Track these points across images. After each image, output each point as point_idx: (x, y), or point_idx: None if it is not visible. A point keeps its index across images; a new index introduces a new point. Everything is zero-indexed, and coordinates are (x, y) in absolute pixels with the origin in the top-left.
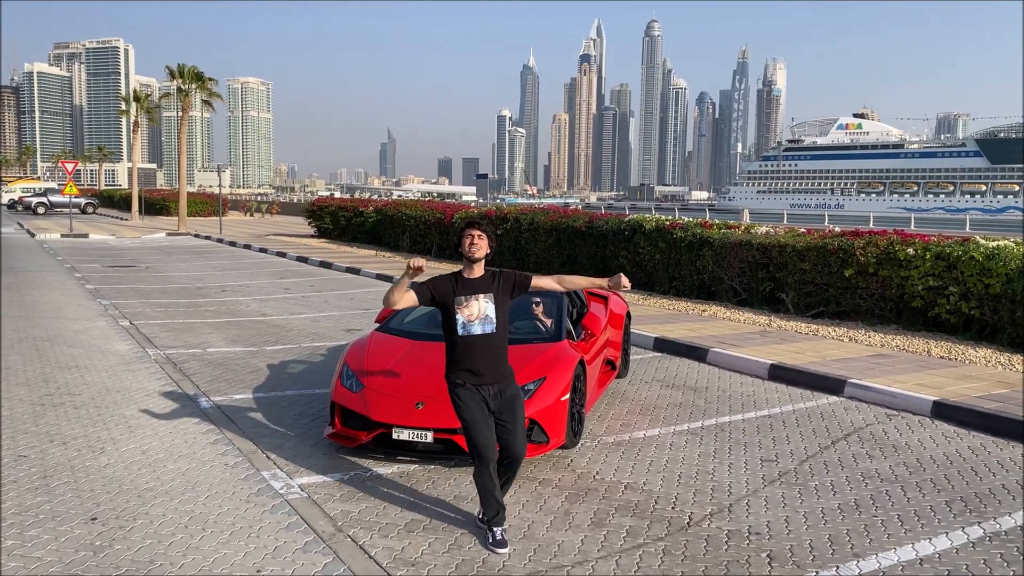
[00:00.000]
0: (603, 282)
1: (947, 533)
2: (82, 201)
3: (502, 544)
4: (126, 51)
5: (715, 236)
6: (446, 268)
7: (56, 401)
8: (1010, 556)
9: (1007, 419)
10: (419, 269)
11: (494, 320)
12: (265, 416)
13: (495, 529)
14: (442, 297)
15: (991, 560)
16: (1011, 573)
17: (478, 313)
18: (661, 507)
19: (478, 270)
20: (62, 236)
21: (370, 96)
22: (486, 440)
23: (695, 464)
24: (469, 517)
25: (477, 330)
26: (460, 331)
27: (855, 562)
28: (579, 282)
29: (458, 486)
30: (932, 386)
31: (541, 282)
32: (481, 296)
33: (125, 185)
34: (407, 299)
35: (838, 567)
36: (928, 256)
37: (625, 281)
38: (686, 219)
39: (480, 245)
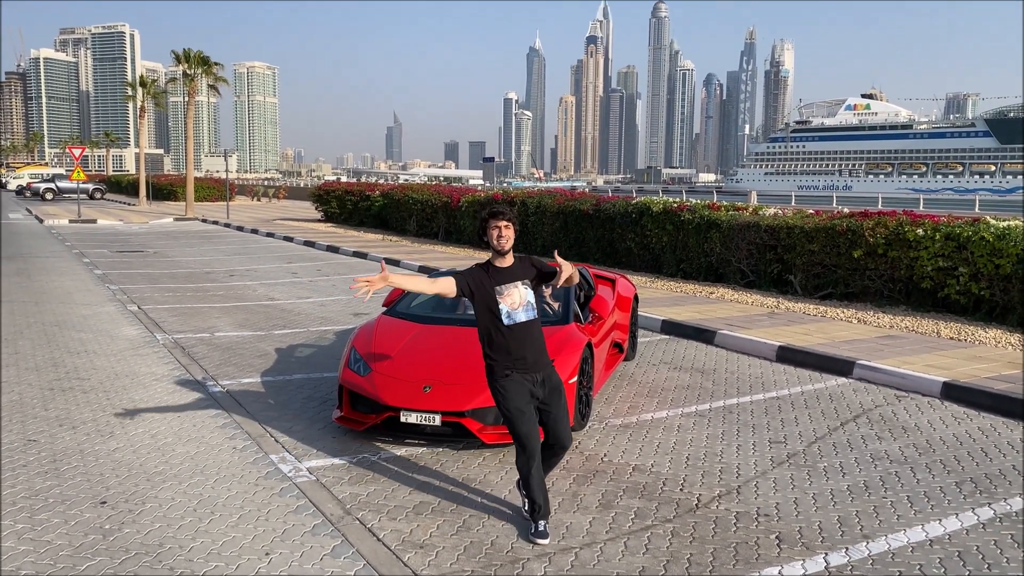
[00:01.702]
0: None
1: (957, 514)
2: (90, 187)
3: (543, 535)
4: (132, 36)
5: (723, 218)
6: (452, 252)
7: (65, 386)
8: (1021, 537)
9: (1017, 400)
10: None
11: (535, 306)
12: (273, 400)
13: (539, 522)
14: (478, 290)
15: (1002, 541)
16: (1021, 554)
17: (520, 300)
18: (669, 489)
19: (508, 259)
20: (70, 222)
21: (376, 80)
22: (529, 431)
23: (703, 446)
24: (477, 500)
25: (522, 317)
26: (506, 320)
27: (865, 543)
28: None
29: (466, 469)
30: (942, 367)
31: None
32: (519, 283)
33: (132, 170)
34: (441, 285)
35: (848, 548)
36: (938, 237)
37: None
38: (694, 201)
39: (508, 236)
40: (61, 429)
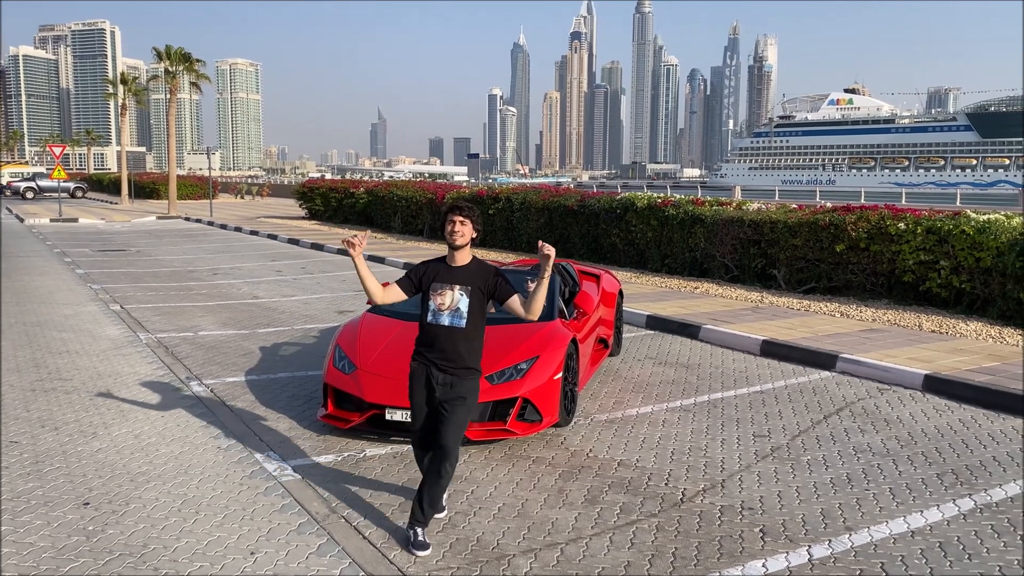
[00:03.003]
0: (545, 278)
1: (939, 506)
2: (71, 185)
3: (422, 546)
4: (112, 33)
5: (707, 213)
6: (437, 248)
7: (47, 386)
8: (1001, 528)
9: (998, 392)
10: (351, 244)
11: (465, 315)
12: (258, 399)
13: (415, 528)
14: (426, 282)
15: (982, 532)
16: (1002, 544)
17: (450, 304)
18: (654, 484)
19: (461, 257)
20: (51, 221)
21: (360, 77)
22: (420, 427)
23: (688, 440)
24: (463, 497)
25: (445, 321)
26: (429, 318)
27: (847, 535)
28: (540, 297)
29: None
30: (923, 360)
31: (514, 305)
32: (457, 287)
33: (114, 169)
34: (391, 294)
35: (831, 541)
36: (919, 230)
37: (548, 248)
38: (678, 196)
39: (462, 232)
40: (43, 430)
